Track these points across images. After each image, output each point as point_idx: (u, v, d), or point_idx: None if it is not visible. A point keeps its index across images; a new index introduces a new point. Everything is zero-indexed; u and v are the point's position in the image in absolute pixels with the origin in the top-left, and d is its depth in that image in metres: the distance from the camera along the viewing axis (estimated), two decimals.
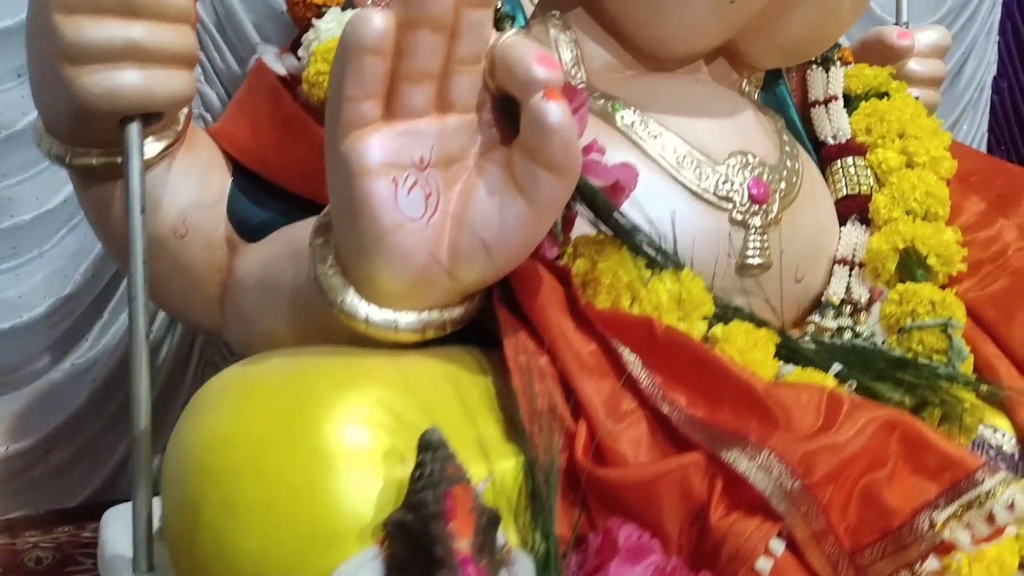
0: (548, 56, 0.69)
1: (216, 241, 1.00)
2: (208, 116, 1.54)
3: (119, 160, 0.87)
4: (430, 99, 0.70)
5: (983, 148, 2.30)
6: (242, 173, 1.03)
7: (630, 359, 0.75)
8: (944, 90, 1.95)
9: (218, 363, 1.53)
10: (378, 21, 0.66)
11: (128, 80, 0.82)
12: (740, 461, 0.68)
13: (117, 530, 1.02)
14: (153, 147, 0.94)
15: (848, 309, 1.06)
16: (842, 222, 1.12)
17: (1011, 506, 0.69)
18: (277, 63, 1.05)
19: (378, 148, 0.69)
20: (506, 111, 0.73)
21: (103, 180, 0.95)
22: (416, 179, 0.71)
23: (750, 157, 1.03)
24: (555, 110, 0.67)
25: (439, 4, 0.67)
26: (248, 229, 1.00)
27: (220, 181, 1.02)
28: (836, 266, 1.09)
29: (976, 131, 2.27)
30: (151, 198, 0.93)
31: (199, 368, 1.58)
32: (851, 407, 0.73)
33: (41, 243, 1.49)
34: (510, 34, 0.71)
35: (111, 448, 1.56)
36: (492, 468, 0.67)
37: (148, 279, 0.85)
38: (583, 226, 0.83)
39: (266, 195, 1.01)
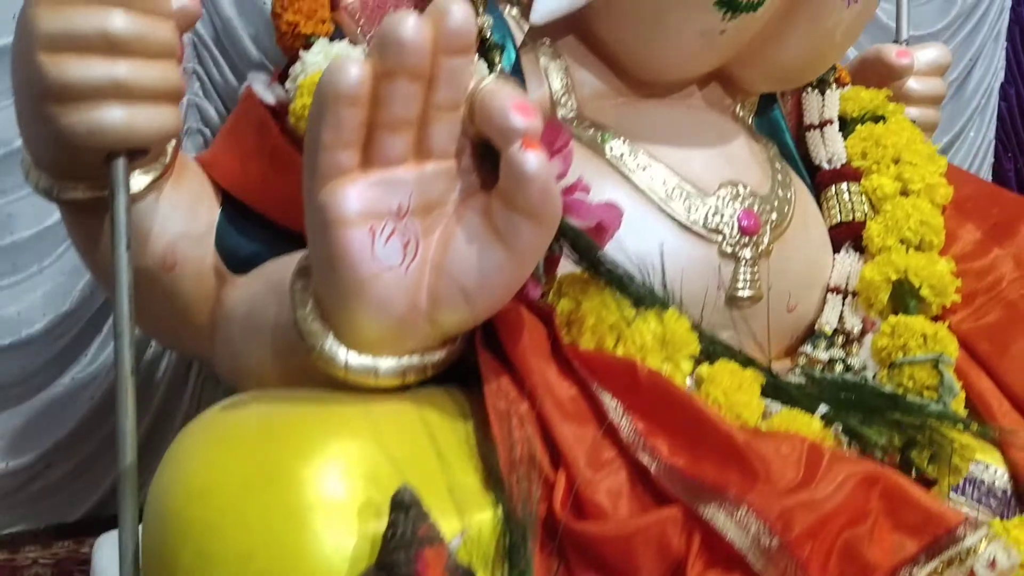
0: (527, 104, 0.68)
1: (205, 272, 1.00)
2: (207, 131, 1.53)
3: (106, 193, 0.87)
4: (408, 147, 0.70)
5: (990, 155, 2.28)
6: (231, 203, 1.02)
7: (611, 405, 0.75)
8: (951, 97, 1.93)
9: (218, 379, 1.52)
10: (354, 71, 0.65)
11: (112, 118, 0.81)
12: (718, 517, 0.67)
13: (110, 557, 1.02)
14: (140, 180, 0.93)
15: (840, 339, 1.05)
16: (836, 249, 1.11)
17: (992, 564, 0.68)
18: (267, 92, 1.04)
19: (355, 198, 0.68)
20: (486, 156, 0.72)
21: (91, 213, 0.95)
22: (394, 227, 0.70)
23: (741, 188, 1.02)
24: (533, 160, 0.66)
25: (416, 53, 0.66)
26: (236, 260, 1.00)
27: (208, 212, 1.01)
28: (829, 294, 1.08)
29: (983, 138, 2.25)
30: (139, 230, 0.93)
31: (198, 383, 1.57)
32: (831, 461, 0.72)
33: (40, 260, 1.49)
34: (489, 80, 0.71)
35: (110, 463, 1.53)
36: (468, 521, 0.67)
37: (134, 313, 0.84)
38: (568, 264, 0.82)
39: (254, 226, 1.00)
